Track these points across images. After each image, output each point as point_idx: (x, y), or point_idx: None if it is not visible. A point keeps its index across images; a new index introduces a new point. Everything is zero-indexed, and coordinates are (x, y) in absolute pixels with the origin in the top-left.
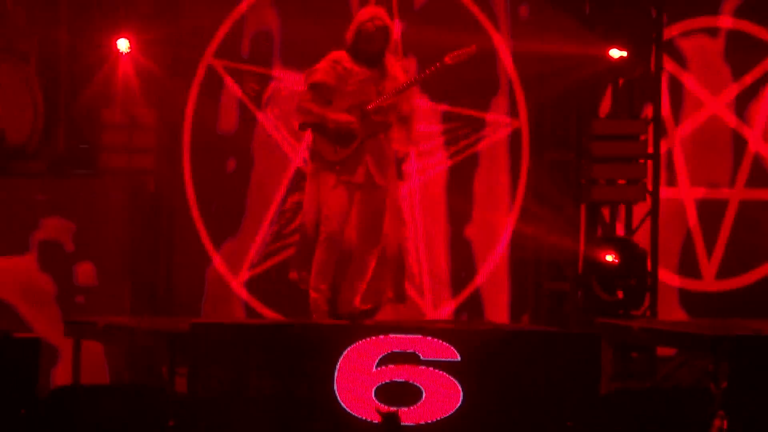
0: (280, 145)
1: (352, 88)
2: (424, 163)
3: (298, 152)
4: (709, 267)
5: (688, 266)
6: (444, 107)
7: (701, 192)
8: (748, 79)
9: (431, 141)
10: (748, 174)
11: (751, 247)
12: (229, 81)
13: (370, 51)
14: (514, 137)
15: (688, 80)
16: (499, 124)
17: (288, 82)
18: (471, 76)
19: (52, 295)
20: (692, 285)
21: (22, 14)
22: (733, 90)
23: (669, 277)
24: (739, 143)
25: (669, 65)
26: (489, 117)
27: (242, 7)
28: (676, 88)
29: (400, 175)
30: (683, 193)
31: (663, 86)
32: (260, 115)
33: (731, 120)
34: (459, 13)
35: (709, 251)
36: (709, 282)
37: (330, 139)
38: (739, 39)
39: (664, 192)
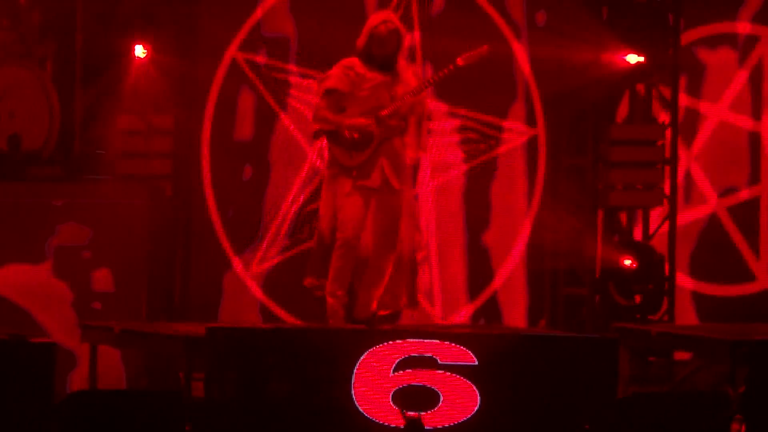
0: (300, 145)
1: (365, 94)
2: (441, 169)
3: (314, 151)
4: (759, 266)
5: (702, 270)
6: (462, 111)
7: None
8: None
9: (448, 147)
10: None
11: None
12: (250, 75)
13: (382, 54)
14: (532, 143)
15: (706, 85)
16: (516, 131)
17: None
18: (489, 81)
19: (69, 301)
20: (707, 289)
21: (37, 19)
22: (748, 94)
23: (684, 281)
24: (756, 147)
25: (686, 70)
26: (506, 124)
27: (258, 13)
28: (694, 92)
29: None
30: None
31: (680, 91)
32: (282, 115)
33: (747, 124)
34: (477, 19)
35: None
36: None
37: (345, 145)
38: (757, 44)
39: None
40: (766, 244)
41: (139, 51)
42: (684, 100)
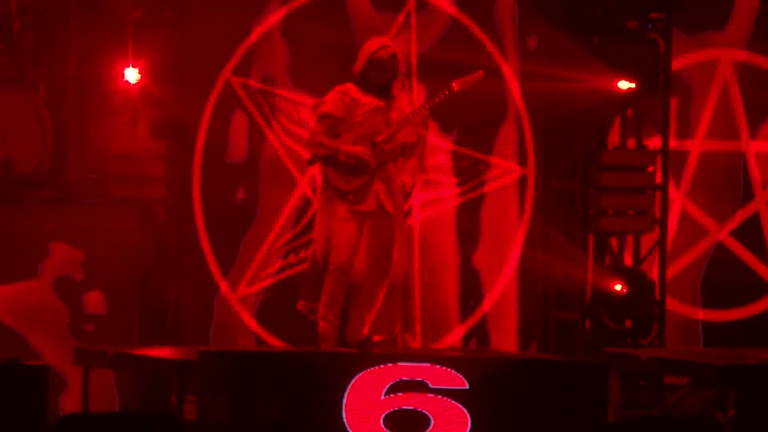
0: (287, 165)
1: (360, 119)
2: (432, 193)
3: (304, 174)
4: None
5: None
6: (453, 147)
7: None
8: (756, 111)
9: (440, 171)
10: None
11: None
12: (243, 96)
13: (381, 80)
14: (523, 167)
15: (696, 111)
16: (508, 169)
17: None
18: (480, 106)
19: (63, 323)
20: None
21: (31, 43)
22: (743, 122)
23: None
24: (746, 180)
25: (677, 96)
26: (495, 161)
27: (252, 38)
28: (684, 119)
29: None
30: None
31: (671, 117)
32: (270, 134)
33: (733, 145)
34: (469, 43)
35: None
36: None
37: (341, 170)
38: (746, 71)
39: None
40: None
41: (132, 75)
42: (673, 126)
